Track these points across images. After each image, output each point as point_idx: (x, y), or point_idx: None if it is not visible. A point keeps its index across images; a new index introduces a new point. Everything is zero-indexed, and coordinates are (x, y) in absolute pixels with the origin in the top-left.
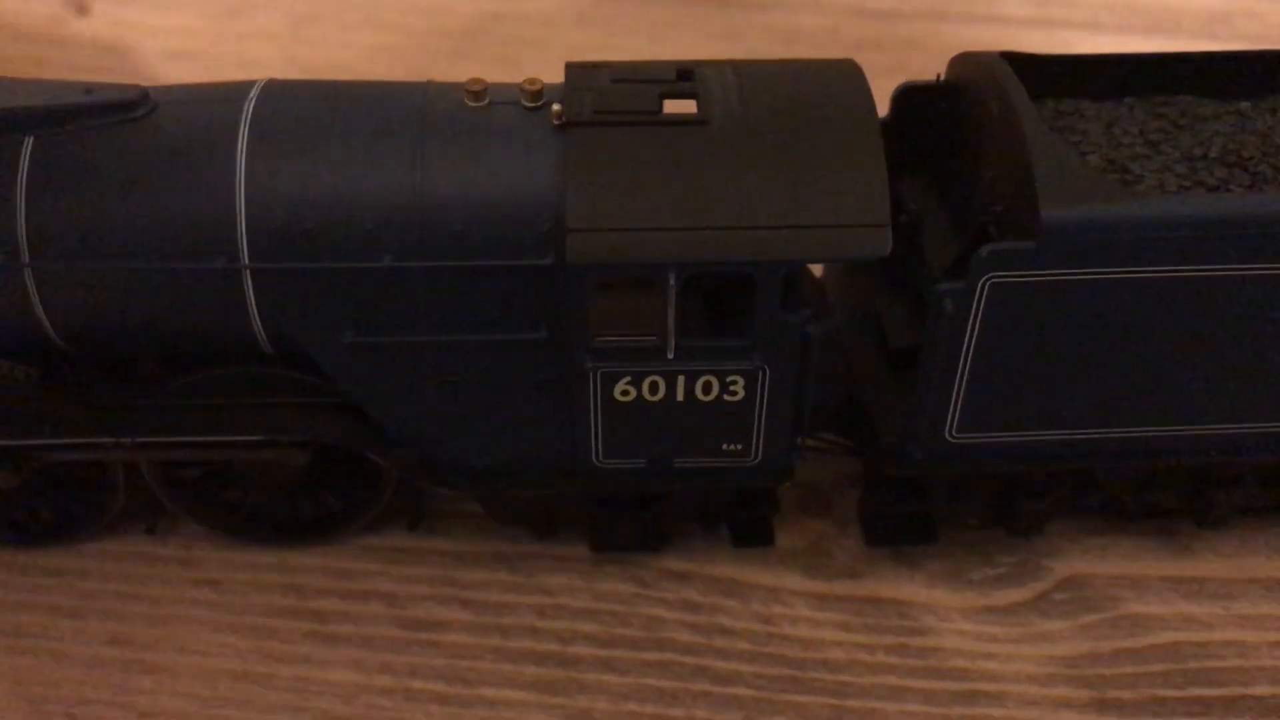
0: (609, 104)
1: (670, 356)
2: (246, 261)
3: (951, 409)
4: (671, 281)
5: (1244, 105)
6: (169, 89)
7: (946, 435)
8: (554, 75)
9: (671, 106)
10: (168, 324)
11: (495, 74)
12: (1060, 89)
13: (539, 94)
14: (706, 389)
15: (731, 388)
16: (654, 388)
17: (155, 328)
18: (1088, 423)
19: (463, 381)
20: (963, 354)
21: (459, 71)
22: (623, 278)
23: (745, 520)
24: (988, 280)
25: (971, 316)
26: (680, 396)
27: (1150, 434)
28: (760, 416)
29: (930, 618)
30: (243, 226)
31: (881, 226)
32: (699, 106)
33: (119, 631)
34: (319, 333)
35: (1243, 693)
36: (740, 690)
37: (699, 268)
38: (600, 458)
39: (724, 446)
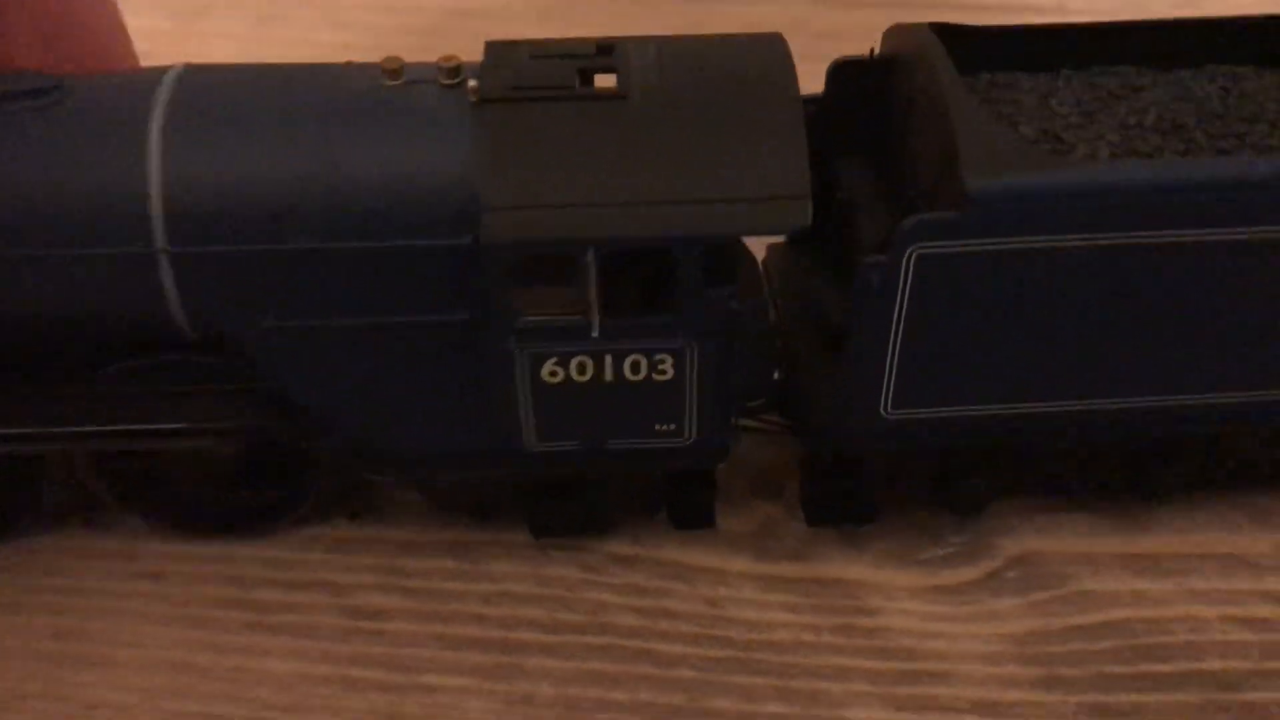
0: (526, 80)
1: (595, 335)
2: (161, 246)
3: (884, 385)
4: (591, 259)
5: (1184, 74)
6: (87, 78)
7: (881, 412)
8: None
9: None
10: (86, 312)
11: None
12: (997, 62)
13: (456, 71)
14: (635, 368)
15: (660, 367)
16: (582, 368)
17: (73, 316)
18: (1026, 398)
19: (388, 366)
20: (892, 329)
21: None
22: (542, 256)
23: (685, 503)
24: (913, 252)
25: (899, 290)
26: (609, 377)
27: (1090, 408)
28: (691, 395)
29: (878, 598)
30: (157, 210)
31: (802, 199)
32: (619, 81)
33: (61, 626)
34: (239, 317)
35: (1193, 667)
36: (684, 673)
37: (617, 245)
38: (533, 441)
39: (657, 427)
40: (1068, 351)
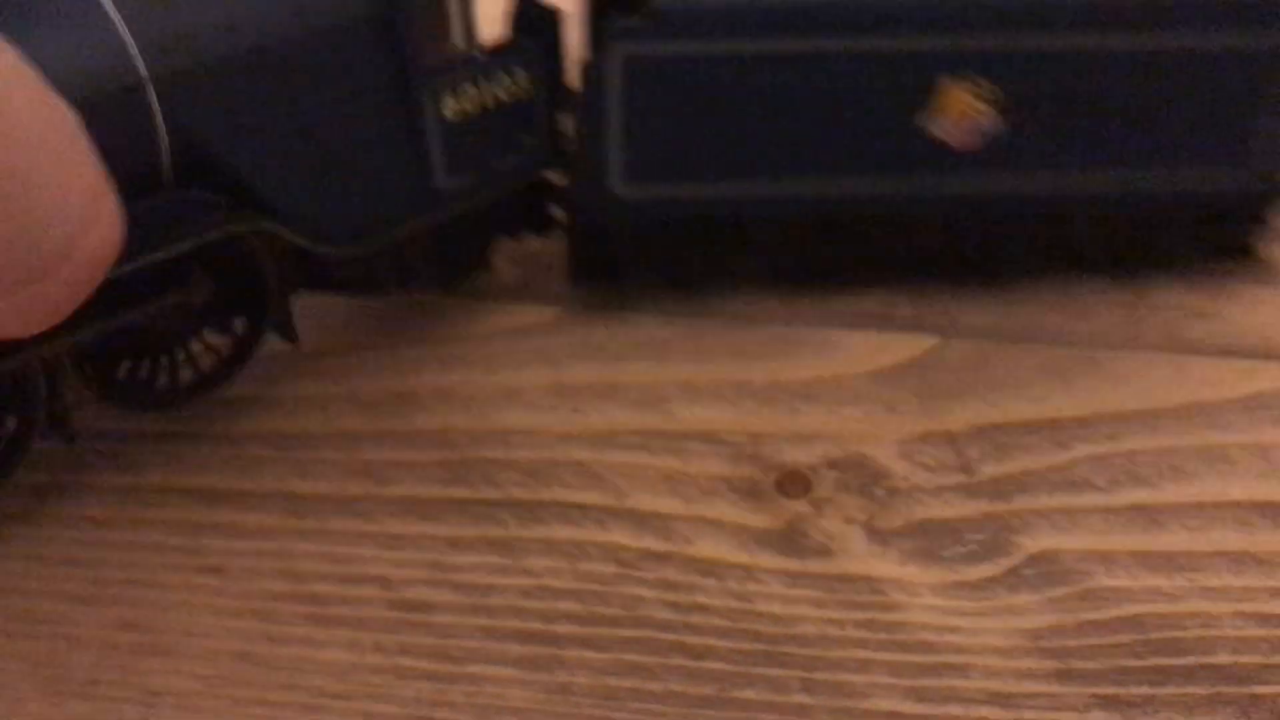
0: None
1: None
2: (144, 74)
3: (612, 167)
4: None
5: None
6: None
7: (613, 189)
8: None
9: None
10: None
11: None
12: None
13: None
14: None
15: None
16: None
17: None
18: (731, 178)
19: (319, 128)
20: (611, 118)
21: None
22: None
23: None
24: (620, 52)
25: (611, 84)
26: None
27: (797, 191)
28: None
29: (900, 593)
30: (129, 40)
31: None
32: None
33: (130, 617)
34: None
35: (1203, 661)
36: (715, 664)
37: None
38: (443, 179)
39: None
40: (773, 143)
